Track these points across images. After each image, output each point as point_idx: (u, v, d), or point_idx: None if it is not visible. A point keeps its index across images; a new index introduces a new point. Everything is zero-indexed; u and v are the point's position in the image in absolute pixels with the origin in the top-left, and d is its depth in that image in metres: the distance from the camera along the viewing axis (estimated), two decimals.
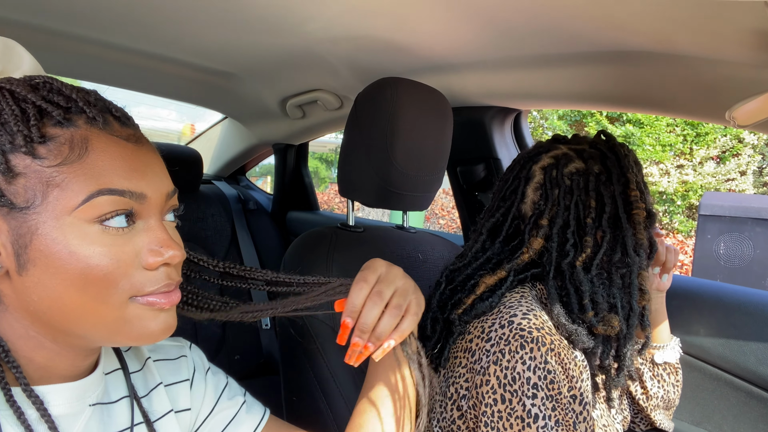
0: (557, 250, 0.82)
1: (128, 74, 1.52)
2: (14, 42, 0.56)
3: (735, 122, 0.76)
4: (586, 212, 0.83)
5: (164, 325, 0.53)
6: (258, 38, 1.19)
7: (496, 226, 0.91)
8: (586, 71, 1.03)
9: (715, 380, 1.12)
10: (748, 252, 3.01)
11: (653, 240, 0.86)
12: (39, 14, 1.08)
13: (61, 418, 0.52)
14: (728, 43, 0.76)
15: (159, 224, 0.52)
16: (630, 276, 0.81)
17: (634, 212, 0.82)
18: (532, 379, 0.72)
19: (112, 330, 0.50)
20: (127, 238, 0.49)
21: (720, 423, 1.11)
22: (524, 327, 0.74)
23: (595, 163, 0.86)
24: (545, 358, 0.72)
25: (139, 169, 0.50)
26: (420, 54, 1.14)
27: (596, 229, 0.83)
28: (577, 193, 0.84)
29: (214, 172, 2.43)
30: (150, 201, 0.51)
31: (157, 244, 0.51)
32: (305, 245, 1.05)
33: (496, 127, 1.38)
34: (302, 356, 0.99)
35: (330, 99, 1.56)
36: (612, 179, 0.84)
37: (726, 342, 1.11)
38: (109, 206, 0.48)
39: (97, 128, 0.49)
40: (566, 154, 0.88)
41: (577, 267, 0.80)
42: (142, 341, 0.52)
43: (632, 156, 0.89)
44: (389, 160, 1.02)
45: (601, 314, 0.79)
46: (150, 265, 0.50)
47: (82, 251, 0.47)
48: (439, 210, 8.43)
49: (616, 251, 0.82)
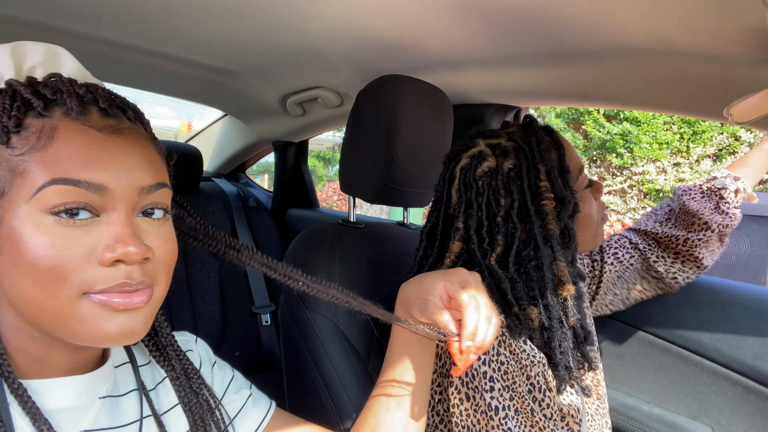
0: (478, 251, 0.83)
1: (128, 72, 1.52)
2: (61, 48, 0.56)
3: (733, 119, 0.77)
4: (498, 210, 0.83)
5: (121, 329, 0.48)
6: (259, 35, 1.19)
7: (431, 230, 0.91)
8: (585, 69, 1.04)
9: (712, 374, 1.14)
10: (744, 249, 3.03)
11: (569, 227, 0.83)
12: (36, 11, 1.08)
13: (70, 411, 0.52)
14: (726, 41, 0.77)
15: (122, 219, 0.48)
16: (543, 268, 0.79)
17: (542, 203, 0.81)
18: (488, 373, 0.73)
19: (67, 327, 0.47)
20: (85, 231, 0.47)
21: (717, 417, 1.12)
22: None
23: (506, 159, 0.84)
24: (497, 350, 0.74)
25: (102, 160, 0.48)
26: (421, 52, 1.15)
27: (507, 227, 0.82)
28: (488, 193, 0.83)
29: (214, 170, 2.44)
30: (113, 194, 0.48)
31: (114, 239, 0.47)
32: (307, 242, 1.06)
33: (496, 125, 1.39)
34: (304, 351, 1.00)
35: (330, 96, 1.57)
36: (521, 173, 0.83)
37: (723, 337, 1.12)
38: (62, 197, 0.46)
39: (71, 118, 0.48)
40: (481, 152, 0.86)
41: (493, 265, 0.81)
42: (96, 342, 0.49)
43: (549, 142, 0.87)
44: (390, 157, 1.03)
45: (523, 308, 0.79)
46: (103, 260, 0.47)
47: (33, 241, 0.45)
48: None
49: (529, 245, 0.81)
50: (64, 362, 0.53)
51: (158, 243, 0.52)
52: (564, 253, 0.81)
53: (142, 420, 0.59)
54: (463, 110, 1.39)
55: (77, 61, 0.57)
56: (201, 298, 1.86)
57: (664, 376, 1.20)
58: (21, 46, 0.53)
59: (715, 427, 1.12)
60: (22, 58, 0.53)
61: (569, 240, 0.83)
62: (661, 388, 1.21)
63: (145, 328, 0.51)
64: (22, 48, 0.53)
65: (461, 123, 1.36)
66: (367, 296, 1.02)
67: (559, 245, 0.81)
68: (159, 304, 0.54)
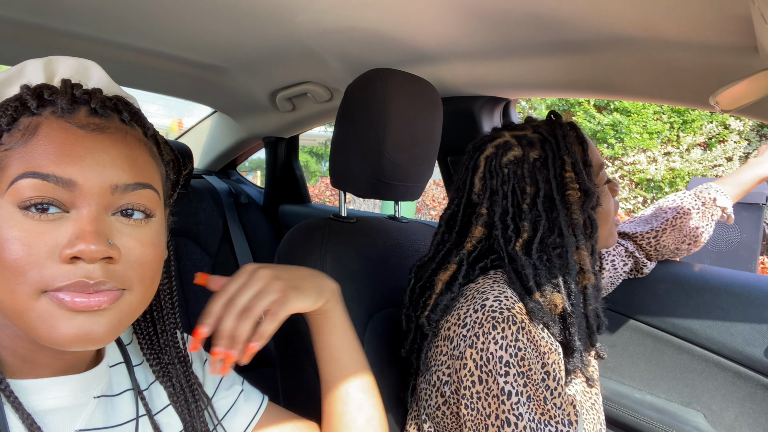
0: (502, 237, 0.85)
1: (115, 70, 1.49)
2: (92, 62, 0.57)
3: (719, 107, 0.78)
4: (523, 198, 0.85)
5: (77, 331, 0.46)
6: (247, 31, 1.19)
7: (451, 217, 0.94)
8: (573, 60, 1.04)
9: (703, 361, 1.15)
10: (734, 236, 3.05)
11: (592, 218, 0.86)
12: (17, 8, 1.07)
13: (64, 410, 0.52)
14: (711, 29, 0.78)
15: (89, 216, 0.47)
16: (566, 255, 0.82)
17: (567, 193, 0.84)
18: (504, 357, 0.74)
19: (27, 325, 0.46)
20: (52, 227, 0.46)
21: (709, 403, 1.14)
22: (495, 309, 0.77)
23: (533, 149, 0.87)
24: (516, 336, 0.75)
25: (75, 155, 0.47)
26: (409, 45, 1.15)
27: (533, 214, 0.85)
28: (513, 181, 0.86)
29: (205, 167, 2.43)
30: (82, 190, 0.47)
31: (75, 236, 0.46)
32: (299, 237, 1.06)
33: (486, 117, 1.39)
34: (298, 346, 1.00)
35: (320, 91, 1.56)
36: (547, 163, 0.86)
37: (713, 324, 1.13)
38: (31, 191, 0.45)
39: (56, 116, 0.49)
40: (507, 142, 0.89)
41: (518, 252, 0.82)
42: (53, 343, 0.46)
43: (574, 136, 0.90)
44: (380, 151, 1.03)
45: (546, 295, 0.80)
46: (61, 257, 0.45)
47: (2, 234, 0.45)
48: (430, 201, 8.45)
49: (553, 233, 0.84)
50: (52, 362, 0.52)
51: (132, 245, 0.50)
52: (586, 244, 0.85)
53: (138, 419, 0.59)
54: (452, 103, 1.39)
55: (106, 74, 0.58)
56: (194, 295, 1.86)
57: (655, 363, 1.21)
58: (54, 60, 0.55)
59: (707, 413, 1.14)
60: (53, 71, 0.55)
61: (591, 230, 0.86)
62: (653, 375, 1.22)
63: (108, 334, 0.48)
64: (55, 62, 0.55)
65: (451, 116, 1.36)
66: (359, 290, 1.03)
67: (582, 234, 0.84)
68: (133, 313, 0.51)
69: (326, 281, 0.75)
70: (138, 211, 0.51)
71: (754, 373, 1.08)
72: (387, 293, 1.07)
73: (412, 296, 0.92)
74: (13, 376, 0.50)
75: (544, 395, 0.74)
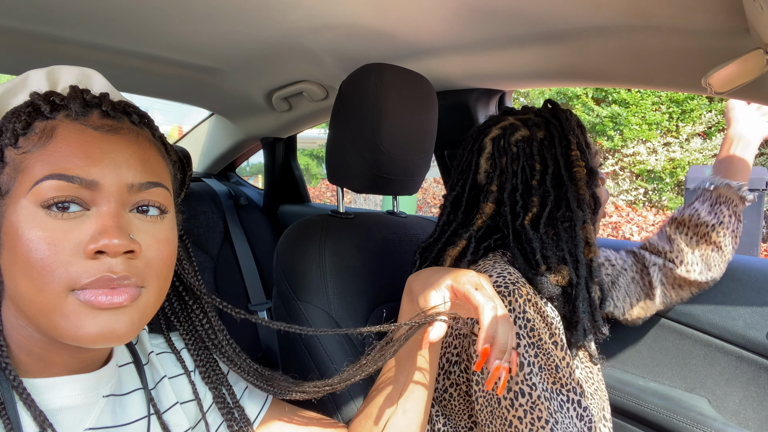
0: (510, 213, 0.87)
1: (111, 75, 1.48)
2: (93, 71, 0.59)
3: (712, 89, 0.78)
4: (532, 175, 0.89)
5: (101, 329, 0.48)
6: (240, 31, 1.19)
7: (456, 198, 0.96)
8: (566, 49, 1.04)
9: (705, 346, 1.15)
10: None
11: (596, 196, 0.90)
12: (12, 15, 1.08)
13: (75, 409, 0.53)
14: (701, 12, 0.78)
15: (109, 212, 0.49)
16: (574, 229, 0.85)
17: (574, 170, 0.88)
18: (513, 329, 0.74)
19: (53, 323, 0.47)
20: (74, 224, 0.48)
21: (712, 388, 1.14)
22: (500, 283, 0.78)
23: (539, 130, 0.91)
24: (524, 308, 0.76)
25: (94, 156, 0.49)
26: (402, 39, 1.15)
27: (542, 190, 0.88)
28: (523, 159, 0.90)
29: (204, 170, 2.43)
30: (103, 189, 0.49)
31: (98, 231, 0.48)
32: (297, 233, 1.06)
33: (481, 109, 1.39)
34: (299, 341, 1.00)
35: (315, 90, 1.56)
36: (554, 142, 0.90)
37: (715, 308, 1.13)
38: (55, 191, 0.47)
39: (70, 118, 0.51)
40: (512, 124, 0.93)
41: (526, 226, 0.85)
42: (77, 341, 0.48)
43: (575, 120, 0.94)
44: (376, 146, 1.03)
45: (553, 267, 0.82)
46: (86, 252, 0.47)
47: (27, 234, 0.47)
48: (431, 199, 8.45)
49: (560, 207, 0.87)
50: (68, 361, 0.53)
51: (149, 241, 0.52)
52: (591, 219, 0.89)
53: (149, 417, 0.60)
54: (447, 97, 1.39)
55: (107, 82, 0.60)
56: None
57: (658, 350, 1.21)
58: (57, 69, 0.57)
59: (711, 398, 1.13)
60: (56, 80, 0.56)
61: (595, 207, 0.90)
62: (656, 362, 1.22)
63: (129, 332, 0.49)
64: (57, 71, 0.57)
65: (446, 109, 1.36)
66: (359, 284, 1.03)
67: (588, 210, 0.88)
68: (150, 311, 0.52)
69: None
70: (153, 207, 0.53)
71: (757, 356, 1.07)
72: (387, 287, 1.08)
73: None
74: (26, 375, 0.51)
75: (556, 364, 0.75)
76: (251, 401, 0.72)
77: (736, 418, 1.10)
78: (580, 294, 0.83)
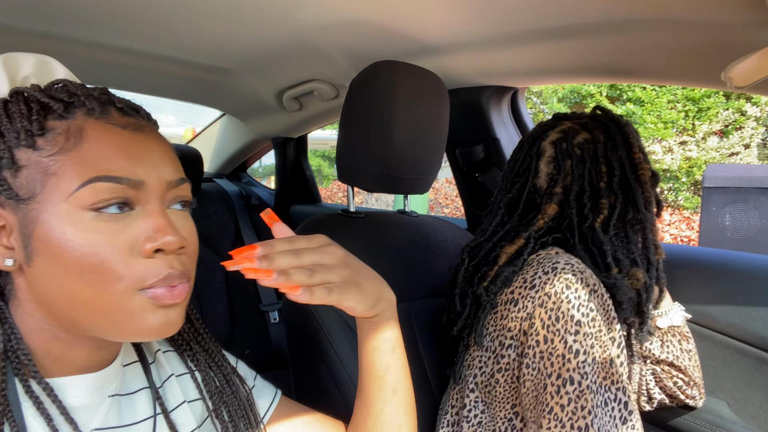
0: (577, 216, 0.87)
1: (122, 75, 1.52)
2: (50, 58, 0.58)
3: (732, 83, 0.75)
4: (599, 177, 0.89)
5: (163, 320, 0.51)
6: (250, 30, 1.19)
7: (512, 201, 0.97)
8: (580, 43, 1.02)
9: (724, 348, 1.12)
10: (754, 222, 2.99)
11: (659, 198, 0.91)
12: (25, 17, 1.08)
13: (80, 409, 0.52)
14: (719, 4, 0.76)
15: (157, 210, 0.51)
16: (644, 232, 0.87)
17: (640, 173, 0.88)
18: (576, 317, 0.75)
19: (114, 321, 0.49)
20: (123, 224, 0.49)
21: (732, 391, 1.11)
22: (567, 270, 0.79)
23: (599, 133, 0.92)
24: (588, 297, 0.77)
25: (135, 156, 0.50)
26: (413, 37, 1.14)
27: (610, 193, 0.88)
28: (588, 161, 0.90)
29: (215, 170, 2.44)
30: (148, 188, 0.50)
31: (153, 230, 0.49)
32: (306, 233, 1.05)
33: (494, 107, 1.37)
34: (310, 343, 0.99)
35: (326, 89, 1.56)
36: (617, 145, 0.90)
37: (734, 309, 1.10)
38: (104, 193, 0.47)
39: (94, 117, 0.50)
40: (572, 127, 0.94)
41: (596, 229, 0.86)
42: (139, 336, 0.50)
43: (630, 124, 0.95)
44: (387, 144, 1.02)
45: (625, 270, 0.83)
46: (145, 251, 0.49)
47: (77, 238, 0.47)
48: (443, 199, 8.42)
49: (628, 210, 0.87)
50: (84, 360, 0.54)
51: (186, 234, 0.54)
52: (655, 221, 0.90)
53: (155, 417, 0.59)
54: (459, 95, 1.37)
55: (68, 70, 0.59)
56: (208, 298, 1.86)
57: None
58: (12, 57, 0.55)
59: (731, 402, 1.11)
60: (15, 69, 0.55)
61: (658, 209, 0.91)
62: None
63: (181, 322, 0.53)
64: (13, 59, 0.55)
65: (458, 108, 1.35)
66: None
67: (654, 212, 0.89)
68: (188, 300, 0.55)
69: (385, 290, 0.67)
70: (183, 202, 0.55)
71: None
72: (399, 287, 1.06)
73: (466, 274, 0.93)
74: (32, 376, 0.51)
75: (611, 359, 0.75)
76: (258, 400, 0.72)
77: (757, 422, 1.07)
78: (650, 296, 0.84)
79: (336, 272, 0.58)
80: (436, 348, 1.07)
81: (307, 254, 0.56)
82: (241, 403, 0.67)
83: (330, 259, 0.58)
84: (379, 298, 0.65)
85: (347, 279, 0.59)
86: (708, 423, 1.07)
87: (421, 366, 1.03)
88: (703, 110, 6.83)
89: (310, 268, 0.55)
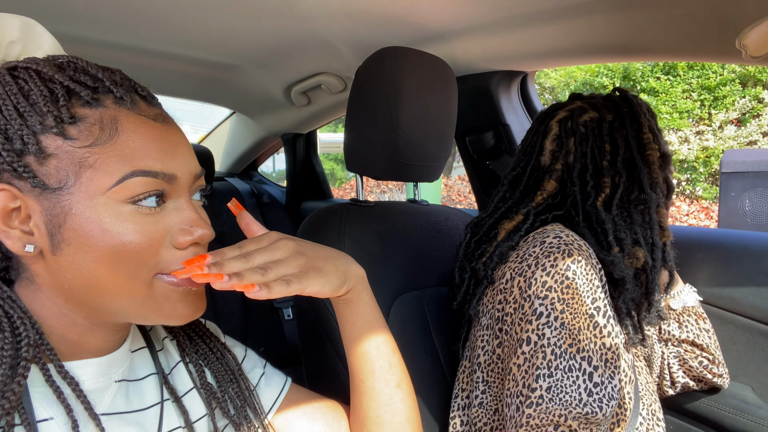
0: (580, 193, 0.86)
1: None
2: (33, 21, 0.56)
3: (747, 53, 0.73)
4: (602, 156, 0.87)
5: (194, 307, 0.54)
6: (256, 23, 1.18)
7: (516, 178, 0.96)
8: (589, 22, 1.00)
9: (748, 331, 1.09)
10: None
11: (669, 180, 0.88)
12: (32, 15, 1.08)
13: (88, 394, 0.52)
14: None
15: (189, 204, 0.53)
16: (649, 212, 0.84)
17: (647, 153, 0.86)
18: (548, 283, 0.75)
19: (145, 306, 0.51)
20: (159, 217, 0.50)
21: (756, 375, 1.08)
22: (553, 244, 0.79)
23: (608, 112, 0.90)
24: (567, 265, 0.75)
25: (169, 150, 0.51)
26: (419, 24, 1.12)
27: (613, 171, 0.86)
28: (592, 139, 0.88)
29: (227, 169, 2.45)
30: (180, 181, 0.52)
31: (188, 224, 0.52)
32: (316, 221, 1.04)
33: (503, 92, 1.35)
34: (325, 340, 0.98)
35: (333, 81, 1.55)
36: (625, 124, 0.88)
37: (756, 290, 1.07)
38: (143, 187, 0.48)
39: (126, 108, 0.50)
40: (580, 106, 0.92)
41: (598, 207, 0.84)
42: (172, 321, 0.53)
43: (645, 105, 0.92)
44: (395, 130, 1.01)
45: (627, 249, 0.82)
46: (181, 244, 0.51)
47: (116, 229, 0.48)
48: (456, 195, 8.38)
49: (633, 190, 0.85)
50: (97, 345, 0.54)
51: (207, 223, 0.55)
52: (665, 203, 0.88)
53: (162, 403, 0.59)
54: (467, 81, 1.35)
55: (52, 36, 0.57)
56: (222, 297, 1.87)
57: None
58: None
59: (755, 386, 1.08)
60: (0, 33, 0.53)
61: (668, 191, 0.89)
62: None
63: (204, 305, 0.56)
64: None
65: (467, 94, 1.33)
66: (382, 272, 1.00)
67: (662, 194, 0.87)
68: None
69: (352, 266, 0.67)
70: (200, 192, 0.57)
71: None
72: (410, 275, 1.05)
73: (467, 250, 0.94)
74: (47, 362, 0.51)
75: (581, 326, 0.73)
76: (268, 387, 0.71)
77: None
78: (656, 276, 0.83)
79: (290, 264, 0.58)
80: (448, 334, 1.05)
81: (257, 255, 0.56)
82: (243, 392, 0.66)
83: (282, 253, 0.59)
84: (346, 275, 0.65)
85: (304, 267, 0.59)
86: (732, 408, 1.04)
87: (434, 353, 1.02)
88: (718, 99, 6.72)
89: (263, 267, 0.55)
